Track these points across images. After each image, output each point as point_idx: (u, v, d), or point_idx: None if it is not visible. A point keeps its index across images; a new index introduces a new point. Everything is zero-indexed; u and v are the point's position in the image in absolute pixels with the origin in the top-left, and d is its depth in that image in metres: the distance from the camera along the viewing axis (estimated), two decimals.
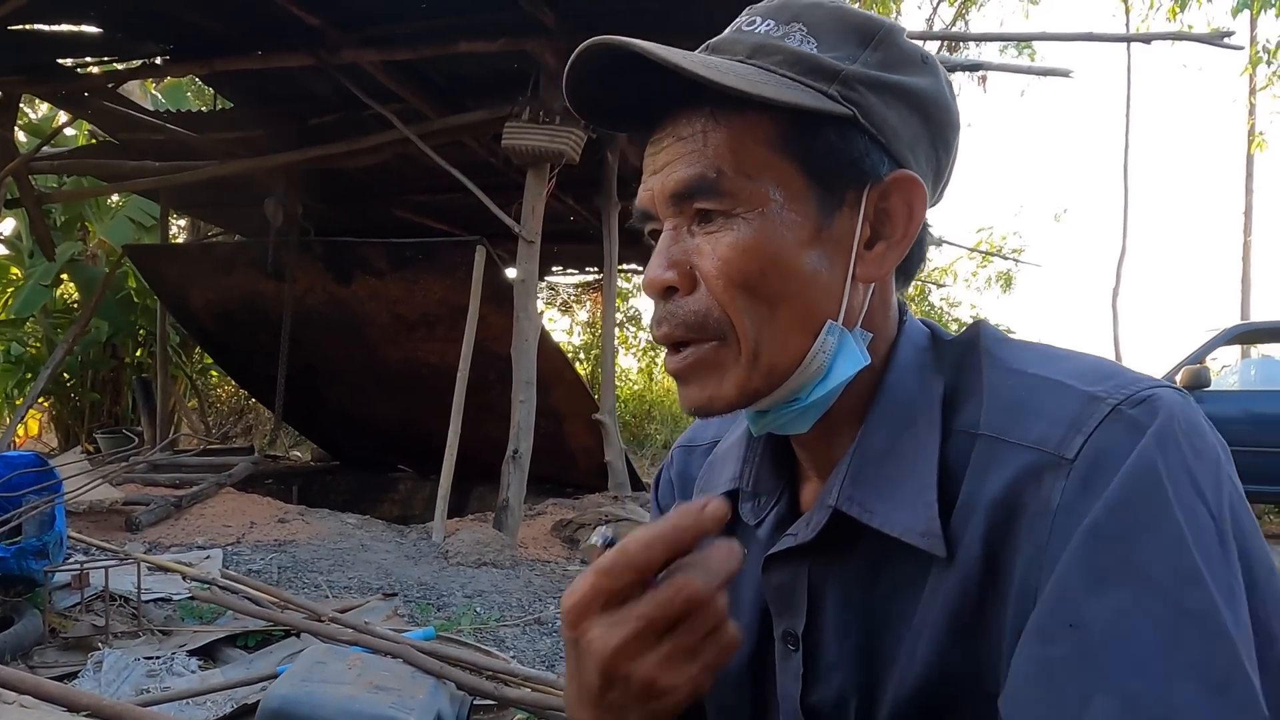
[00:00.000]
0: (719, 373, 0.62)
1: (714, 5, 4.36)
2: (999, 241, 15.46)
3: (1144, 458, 0.51)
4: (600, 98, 0.64)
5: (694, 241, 0.61)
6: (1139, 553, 0.48)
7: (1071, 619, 0.49)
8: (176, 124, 6.17)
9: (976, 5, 14.68)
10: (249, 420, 10.89)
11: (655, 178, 0.62)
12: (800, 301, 0.60)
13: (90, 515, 4.46)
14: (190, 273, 6.63)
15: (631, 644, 0.51)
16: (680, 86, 0.59)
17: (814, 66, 0.60)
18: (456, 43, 4.62)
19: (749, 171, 0.59)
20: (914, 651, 0.58)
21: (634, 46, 0.57)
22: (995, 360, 0.61)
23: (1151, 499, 0.50)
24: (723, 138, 0.59)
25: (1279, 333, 7.56)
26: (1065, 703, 0.47)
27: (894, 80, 0.61)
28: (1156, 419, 0.52)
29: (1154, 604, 0.47)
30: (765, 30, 0.63)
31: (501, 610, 3.47)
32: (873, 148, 0.60)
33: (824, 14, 0.63)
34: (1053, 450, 0.53)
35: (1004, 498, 0.55)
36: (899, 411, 0.62)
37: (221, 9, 4.72)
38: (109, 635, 2.82)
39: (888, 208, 0.62)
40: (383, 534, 4.67)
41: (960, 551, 0.56)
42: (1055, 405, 0.55)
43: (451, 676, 2.37)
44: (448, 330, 5.74)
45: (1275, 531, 7.32)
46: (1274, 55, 11.99)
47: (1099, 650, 0.47)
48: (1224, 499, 0.52)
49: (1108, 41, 4.42)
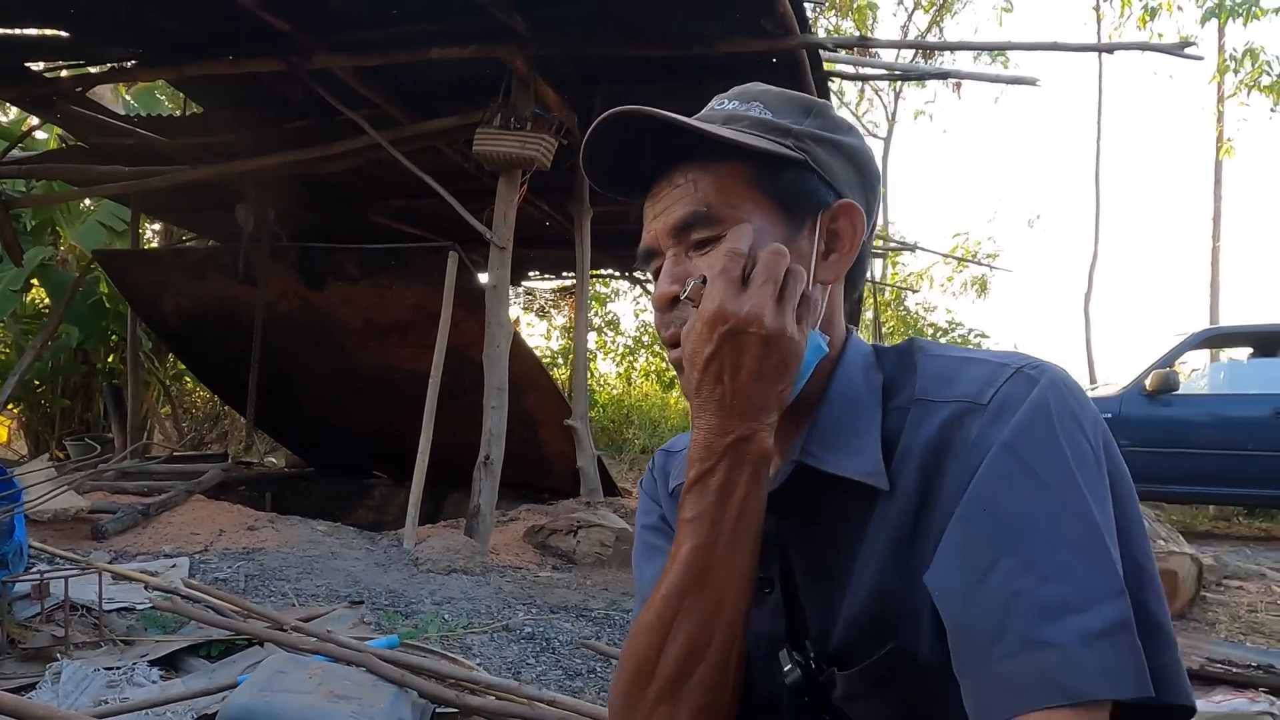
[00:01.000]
0: None
1: (683, 15, 4.40)
2: (974, 247, 15.61)
3: (1040, 398, 0.67)
4: (611, 166, 0.82)
5: (692, 263, 0.78)
6: (1036, 463, 0.64)
7: (985, 505, 0.64)
8: (147, 128, 6.12)
9: (951, 13, 14.83)
10: (224, 426, 10.79)
11: (657, 220, 0.80)
12: None
13: (55, 524, 4.41)
14: (161, 278, 6.58)
15: (770, 302, 0.70)
16: (670, 149, 0.78)
17: (773, 127, 0.79)
18: (428, 49, 4.62)
19: (732, 204, 0.77)
20: (862, 576, 0.72)
21: (650, 114, 0.74)
22: (927, 354, 0.79)
23: (1046, 427, 0.66)
24: (710, 182, 0.77)
25: (1247, 337, 7.69)
26: (979, 563, 0.62)
27: (831, 137, 0.81)
28: (1047, 375, 0.69)
29: (1045, 498, 0.63)
30: (733, 106, 0.82)
31: (470, 617, 3.46)
32: (821, 185, 0.80)
33: (775, 95, 0.83)
34: (972, 399, 0.70)
35: (935, 438, 0.70)
36: (848, 397, 0.78)
37: (191, 14, 4.70)
38: (69, 646, 2.79)
39: (837, 228, 0.80)
40: (353, 541, 4.64)
41: (899, 486, 0.71)
42: (974, 372, 0.72)
43: (413, 685, 2.36)
44: (421, 336, 5.72)
45: (1245, 534, 7.44)
46: (1241, 64, 12.17)
47: (1005, 526, 0.63)
48: (1101, 441, 0.68)
49: (1073, 51, 4.49)
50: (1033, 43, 4.66)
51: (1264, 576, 5.06)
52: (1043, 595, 0.58)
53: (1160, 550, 4.22)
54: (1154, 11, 13.28)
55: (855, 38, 7.50)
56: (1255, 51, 11.96)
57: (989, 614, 0.60)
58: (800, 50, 4.53)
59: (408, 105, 5.39)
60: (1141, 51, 4.77)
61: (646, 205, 0.82)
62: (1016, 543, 0.61)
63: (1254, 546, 6.48)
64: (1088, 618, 0.57)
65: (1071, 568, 0.59)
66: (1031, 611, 0.58)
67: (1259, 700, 2.25)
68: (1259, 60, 11.83)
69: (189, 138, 6.06)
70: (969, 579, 0.62)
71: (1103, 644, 0.57)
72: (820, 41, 4.74)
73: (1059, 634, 0.57)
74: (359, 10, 4.61)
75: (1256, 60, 11.86)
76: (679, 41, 4.53)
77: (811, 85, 4.89)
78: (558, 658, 3.12)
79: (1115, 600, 0.59)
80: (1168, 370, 6.96)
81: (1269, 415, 6.55)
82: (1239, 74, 12.36)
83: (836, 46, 5.13)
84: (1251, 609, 4.41)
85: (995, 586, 0.60)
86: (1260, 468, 6.49)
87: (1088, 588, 0.59)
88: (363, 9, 4.59)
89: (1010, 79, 4.76)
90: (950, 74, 5.07)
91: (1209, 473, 6.65)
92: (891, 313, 14.16)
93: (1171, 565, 4.20)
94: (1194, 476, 6.70)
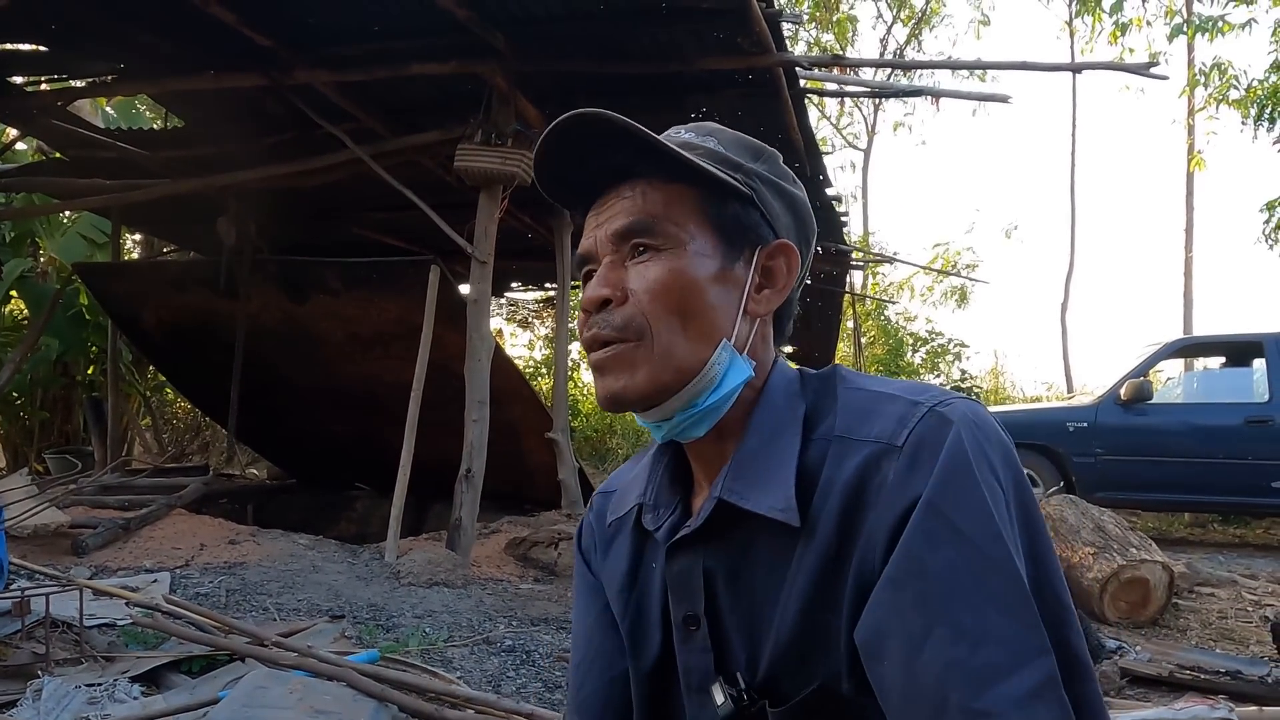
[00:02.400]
0: (634, 366, 0.78)
1: (661, 33, 4.46)
2: (954, 258, 15.76)
3: (955, 446, 0.69)
4: (561, 175, 0.83)
5: (627, 271, 0.79)
6: (958, 518, 0.66)
7: (915, 570, 0.66)
8: (128, 142, 6.12)
9: (929, 27, 15.02)
10: (205, 438, 10.73)
11: (599, 228, 0.81)
12: (705, 320, 0.78)
13: (36, 539, 4.39)
14: (142, 291, 6.56)
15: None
16: (621, 166, 0.80)
17: (725, 159, 0.82)
18: (409, 65, 4.66)
19: (676, 221, 0.79)
20: (786, 613, 0.74)
21: (610, 118, 0.76)
22: (847, 385, 0.80)
23: (965, 478, 0.68)
24: (658, 197, 0.79)
25: (1220, 346, 7.81)
26: (913, 631, 0.65)
27: (776, 181, 0.85)
28: (959, 414, 0.71)
29: (971, 556, 0.65)
30: (688, 137, 0.85)
31: (451, 630, 3.49)
32: (762, 222, 0.82)
33: (729, 135, 0.86)
34: (887, 441, 0.72)
35: (854, 480, 0.72)
36: (770, 425, 0.80)
37: (172, 29, 4.71)
38: (50, 663, 2.79)
39: (772, 266, 0.83)
40: (335, 554, 4.65)
41: (819, 527, 0.73)
42: (889, 410, 0.74)
43: (393, 699, 2.39)
44: (403, 349, 5.74)
45: (1220, 540, 7.54)
46: (1209, 78, 12.40)
47: (934, 590, 0.65)
48: (1011, 475, 0.70)
49: (1043, 70, 4.60)
50: (1006, 62, 4.76)
51: (1235, 583, 5.14)
52: (975, 664, 0.62)
53: (1132, 558, 4.31)
54: (1124, 28, 13.52)
55: (830, 57, 7.62)
56: (1223, 66, 12.20)
57: (928, 686, 0.63)
58: (777, 68, 4.61)
59: (389, 120, 5.42)
60: (1109, 71, 4.87)
61: (590, 215, 0.83)
62: (946, 609, 0.64)
63: (1227, 553, 6.59)
64: (1018, 681, 0.61)
65: (1000, 630, 0.62)
66: (966, 681, 0.61)
67: (1219, 706, 2.31)
68: (1227, 74, 12.06)
69: (170, 151, 6.06)
70: (906, 648, 0.65)
71: (1035, 706, 0.60)
72: (796, 60, 4.81)
73: (993, 702, 0.60)
74: (340, 26, 4.64)
75: (1225, 74, 12.09)
76: (657, 59, 4.59)
77: (789, 101, 4.97)
78: (538, 670, 3.15)
79: (1041, 659, 0.62)
80: (1142, 380, 7.07)
81: (1241, 424, 6.66)
82: (1208, 88, 12.59)
83: (812, 65, 5.22)
84: (1222, 615, 4.49)
85: (931, 658, 0.63)
86: (1233, 475, 6.59)
87: (1016, 651, 0.62)
88: (344, 25, 4.62)
89: (983, 96, 4.87)
90: (926, 91, 5.17)
91: (1183, 480, 6.75)
92: (872, 322, 14.27)
93: (1143, 573, 4.28)
94: (1168, 484, 6.80)
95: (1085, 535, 4.55)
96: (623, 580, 0.90)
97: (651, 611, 0.87)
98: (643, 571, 0.89)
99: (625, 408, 0.79)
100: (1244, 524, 8.02)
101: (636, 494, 0.90)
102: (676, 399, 0.78)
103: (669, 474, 0.88)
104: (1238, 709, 2.38)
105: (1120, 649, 3.63)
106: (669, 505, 0.86)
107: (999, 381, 14.88)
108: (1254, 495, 6.61)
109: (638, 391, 0.78)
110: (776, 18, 4.30)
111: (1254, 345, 7.04)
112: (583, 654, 0.94)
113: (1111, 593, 4.26)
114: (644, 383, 0.77)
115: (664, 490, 0.87)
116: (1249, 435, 6.59)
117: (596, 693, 0.91)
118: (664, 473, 0.88)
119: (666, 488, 0.88)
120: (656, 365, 0.77)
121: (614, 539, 0.93)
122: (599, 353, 0.79)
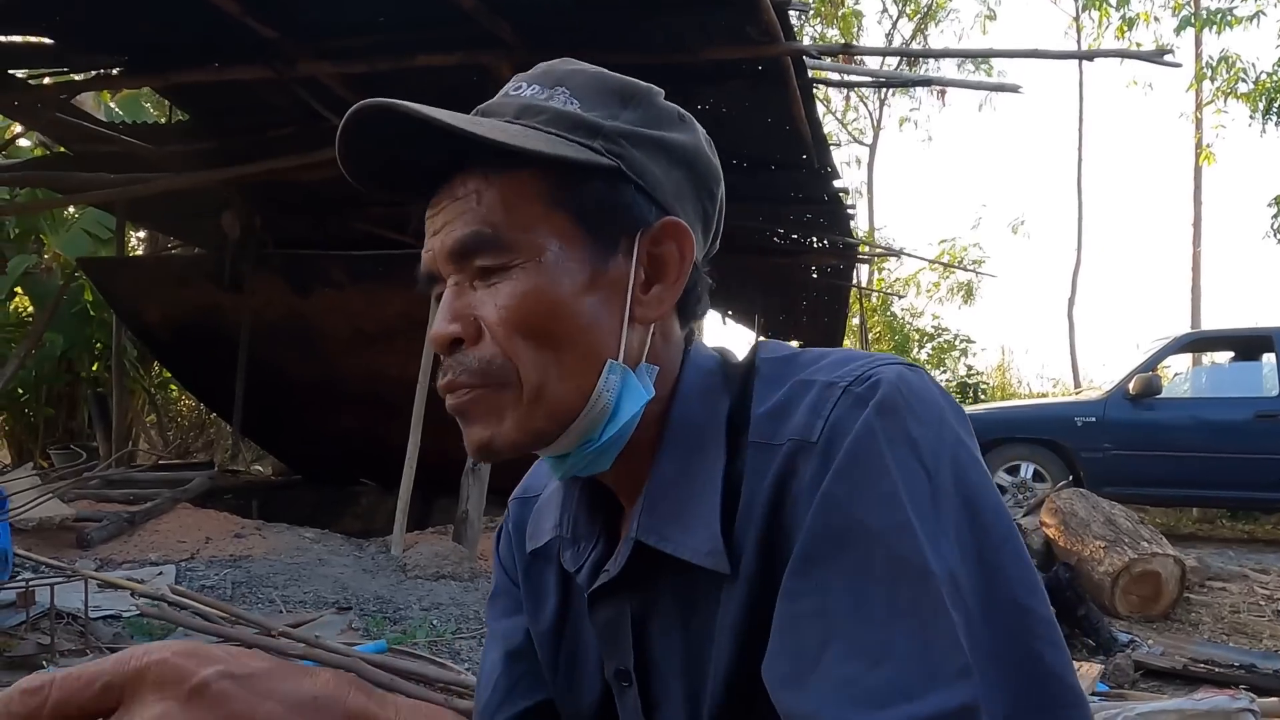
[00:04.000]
0: (499, 413, 0.63)
1: (668, 22, 4.43)
2: (960, 253, 15.72)
3: (864, 428, 0.56)
4: (377, 165, 0.67)
5: (476, 295, 0.63)
6: (861, 510, 0.54)
7: (813, 579, 0.54)
8: (132, 136, 6.10)
9: (935, 21, 14.97)
10: (210, 435, 10.73)
11: (435, 239, 0.65)
12: (581, 344, 0.63)
13: (41, 532, 4.38)
14: (146, 286, 6.56)
15: None
16: (452, 151, 0.63)
17: (577, 123, 0.64)
18: (414, 56, 4.63)
19: (523, 225, 0.62)
20: (717, 666, 0.62)
21: (402, 108, 0.59)
22: (762, 376, 0.66)
23: (870, 463, 0.55)
24: (495, 196, 0.62)
25: (1228, 341, 7.78)
26: (807, 650, 0.53)
27: (654, 135, 0.66)
28: (879, 391, 0.58)
29: (874, 558, 0.53)
30: (530, 94, 0.66)
31: (458, 622, 3.46)
32: (639, 197, 0.65)
33: (585, 78, 0.68)
34: (801, 438, 0.59)
35: (773, 495, 0.59)
36: (687, 438, 0.65)
37: (176, 22, 4.69)
38: (55, 654, 2.77)
39: (660, 253, 0.66)
40: (341, 548, 4.64)
41: (743, 564, 0.60)
42: (803, 400, 0.60)
43: (401, 689, 2.37)
44: (408, 343, 5.70)
45: (1229, 536, 7.51)
46: (1217, 71, 12.35)
47: (833, 605, 0.53)
48: (944, 456, 0.57)
49: (1053, 58, 4.55)
50: (1014, 50, 4.72)
51: (1246, 578, 5.11)
52: (871, 682, 0.50)
53: (1143, 552, 4.27)
54: (1132, 21, 13.47)
55: (839, 45, 7.58)
56: (1231, 59, 12.15)
57: (820, 708, 0.51)
58: (785, 57, 4.57)
59: None
60: (1121, 59, 4.83)
61: (427, 216, 0.67)
62: (844, 620, 0.52)
63: (1236, 549, 6.55)
64: (921, 705, 0.49)
65: (904, 645, 0.51)
66: (857, 700, 0.50)
67: (1240, 697, 2.28)
68: (1235, 67, 12.00)
69: (174, 145, 6.04)
70: (799, 668, 0.54)
71: None
72: (805, 49, 4.78)
73: None
74: (344, 17, 4.62)
75: (1232, 67, 12.03)
76: (664, 48, 4.56)
77: (797, 91, 4.93)
78: None
79: (958, 683, 0.49)
80: (1150, 374, 7.04)
81: (1250, 418, 6.62)
82: (1216, 81, 12.54)
83: (821, 54, 5.18)
84: (1234, 610, 4.46)
85: (824, 674, 0.52)
86: (1242, 470, 6.56)
87: (923, 671, 0.50)
88: (349, 16, 4.60)
89: (993, 86, 4.83)
90: (934, 81, 5.14)
91: (1192, 476, 6.71)
92: (878, 318, 14.24)
93: (1155, 566, 4.25)
94: (1177, 479, 6.76)
95: (1096, 529, 4.51)
96: (550, 623, 0.77)
97: (588, 659, 0.74)
98: (572, 613, 0.76)
99: (499, 458, 0.65)
100: (1253, 519, 7.98)
101: (553, 522, 0.75)
102: (564, 438, 0.64)
103: (585, 498, 0.73)
104: (1259, 700, 2.35)
105: (1133, 642, 3.60)
106: (589, 538, 0.72)
107: (1006, 377, 14.84)
108: (1264, 490, 6.58)
109: (508, 442, 0.63)
110: (784, 6, 4.26)
111: (1263, 339, 7.01)
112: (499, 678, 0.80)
113: (1123, 586, 4.23)
114: (513, 432, 0.63)
115: (581, 520, 0.73)
116: (1258, 430, 6.56)
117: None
118: (580, 496, 0.74)
119: (584, 516, 0.73)
120: (526, 412, 0.63)
121: (533, 569, 0.79)
122: (453, 398, 0.64)
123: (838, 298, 9.68)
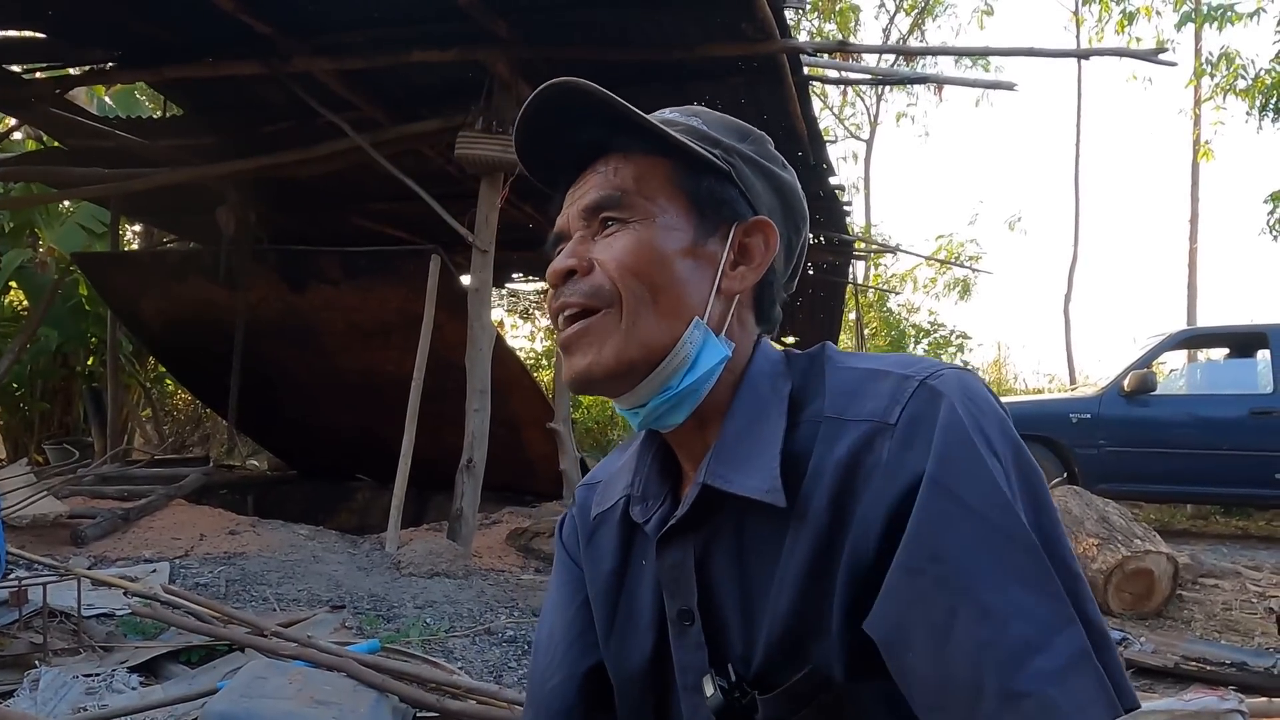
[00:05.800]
0: (600, 340, 0.75)
1: (664, 19, 4.42)
2: (957, 249, 15.70)
3: (950, 419, 0.67)
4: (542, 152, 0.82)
5: (595, 245, 0.77)
6: (967, 495, 0.64)
7: (930, 553, 0.63)
8: (126, 131, 6.08)
9: (932, 17, 14.94)
10: (206, 430, 10.72)
11: (572, 205, 0.80)
12: (674, 293, 0.76)
13: (34, 529, 4.37)
14: (141, 281, 6.54)
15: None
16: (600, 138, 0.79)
17: (704, 137, 0.80)
18: (409, 52, 4.62)
19: (647, 195, 0.77)
20: (779, 599, 0.71)
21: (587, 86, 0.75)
22: (834, 365, 0.77)
23: (967, 451, 0.65)
24: (631, 170, 0.78)
25: (1224, 338, 7.77)
26: (938, 618, 0.62)
27: (762, 163, 0.83)
28: (954, 387, 0.69)
29: (986, 533, 0.63)
30: (673, 115, 0.83)
31: (452, 621, 3.47)
32: (740, 198, 0.80)
33: (715, 116, 0.84)
34: (880, 419, 0.69)
35: (847, 460, 0.69)
36: (754, 407, 0.76)
37: (171, 16, 4.68)
38: (48, 653, 2.77)
39: (749, 243, 0.80)
40: (335, 545, 4.63)
41: (811, 509, 0.70)
42: (880, 388, 0.72)
43: (394, 690, 2.37)
44: (404, 339, 5.71)
45: (1222, 532, 7.53)
46: (1217, 68, 12.33)
47: (953, 573, 0.62)
48: (1009, 443, 0.68)
49: (1050, 57, 4.54)
50: (1011, 48, 4.70)
51: (1239, 575, 5.12)
52: (1006, 643, 0.59)
53: (1136, 549, 4.28)
54: (1131, 17, 13.44)
55: (835, 42, 7.56)
56: (1230, 55, 12.12)
57: (963, 672, 0.60)
58: (781, 55, 4.56)
59: (389, 108, 5.38)
60: (1118, 57, 4.83)
61: (570, 191, 0.82)
62: (968, 590, 0.61)
63: (1230, 545, 6.57)
64: (1052, 655, 0.58)
65: (1026, 605, 0.60)
66: (1000, 662, 0.59)
67: (1229, 697, 2.29)
68: (1234, 64, 11.98)
69: (169, 140, 6.02)
70: (932, 636, 0.62)
71: (1072, 680, 0.58)
72: (800, 46, 4.77)
73: (1030, 682, 0.58)
74: (340, 13, 4.60)
75: (1232, 64, 12.01)
76: (660, 45, 4.55)
77: (793, 88, 4.92)
78: None
79: (1070, 629, 0.60)
80: (1146, 371, 7.03)
81: (1245, 415, 6.63)
82: (1215, 78, 12.51)
83: (817, 51, 5.17)
84: (1226, 607, 4.46)
85: (960, 641, 0.61)
86: (1236, 467, 6.56)
87: (1045, 624, 0.60)
88: (344, 12, 4.58)
89: (989, 84, 4.82)
90: (930, 78, 5.12)
91: (1186, 472, 6.72)
92: (874, 314, 14.23)
93: (1148, 564, 4.25)
94: (1171, 476, 6.77)
95: (1089, 526, 4.52)
96: (608, 580, 0.86)
97: (642, 613, 0.83)
98: (630, 570, 0.85)
99: (594, 387, 0.76)
100: (1246, 516, 8.00)
101: (623, 485, 0.86)
102: (648, 382, 0.75)
103: (658, 464, 0.84)
104: (1247, 700, 2.35)
105: (1125, 640, 3.61)
106: (658, 496, 0.82)
107: (1001, 373, 14.84)
108: (1258, 487, 6.58)
109: (604, 369, 0.75)
110: (780, 3, 4.25)
111: (1258, 336, 7.01)
112: (558, 643, 0.90)
113: (1116, 584, 4.24)
114: (610, 359, 0.74)
115: (652, 481, 0.84)
116: (1253, 427, 6.57)
117: (566, 682, 0.88)
118: (652, 462, 0.84)
119: (655, 478, 0.84)
120: (623, 339, 0.74)
121: (597, 533, 0.89)
122: (567, 330, 0.77)
123: (834, 294, 9.67)
